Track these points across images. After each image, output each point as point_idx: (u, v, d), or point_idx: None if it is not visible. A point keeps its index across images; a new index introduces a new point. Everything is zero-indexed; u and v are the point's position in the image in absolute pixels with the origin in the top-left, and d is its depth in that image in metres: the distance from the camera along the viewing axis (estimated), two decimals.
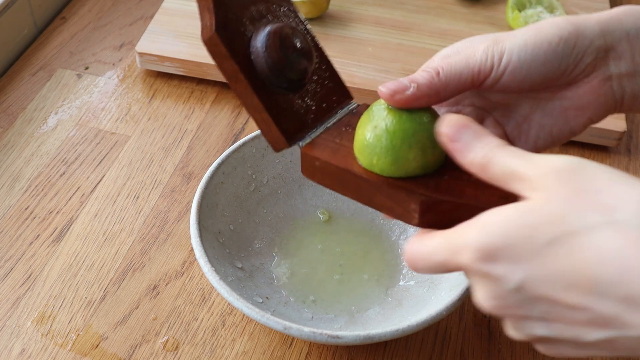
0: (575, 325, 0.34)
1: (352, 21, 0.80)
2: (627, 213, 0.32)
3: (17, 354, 0.53)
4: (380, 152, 0.41)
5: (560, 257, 0.33)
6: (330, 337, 0.47)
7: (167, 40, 0.75)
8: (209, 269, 0.50)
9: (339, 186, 0.44)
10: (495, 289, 0.35)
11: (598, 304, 0.32)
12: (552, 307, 0.34)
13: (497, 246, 0.34)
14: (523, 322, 0.35)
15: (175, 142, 0.70)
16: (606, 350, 0.34)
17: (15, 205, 0.63)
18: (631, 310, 0.32)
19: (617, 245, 0.32)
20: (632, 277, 0.31)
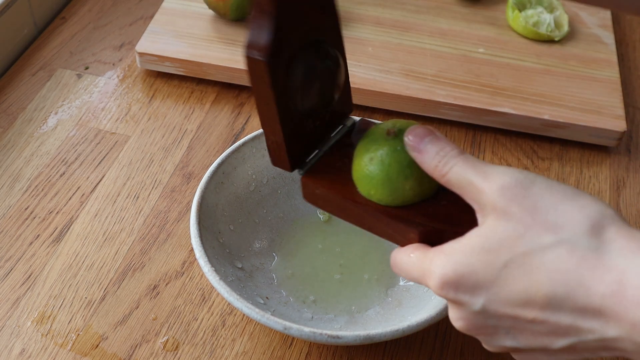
0: (538, 336, 0.37)
1: (352, 21, 0.80)
2: (571, 232, 0.36)
3: (17, 354, 0.53)
4: (377, 184, 0.43)
5: (516, 278, 0.36)
6: (331, 337, 0.47)
7: (167, 40, 0.75)
8: (209, 269, 0.50)
9: (340, 212, 0.46)
10: (462, 311, 0.39)
11: (554, 317, 0.36)
12: (515, 322, 0.37)
13: (460, 275, 0.37)
14: (492, 337, 0.39)
15: (175, 142, 0.70)
16: (573, 354, 0.37)
17: (15, 205, 0.63)
18: (583, 318, 0.35)
19: (566, 264, 0.35)
20: (580, 292, 0.35)
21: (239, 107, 0.73)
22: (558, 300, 0.35)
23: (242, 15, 0.78)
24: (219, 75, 0.74)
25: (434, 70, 0.74)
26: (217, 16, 0.79)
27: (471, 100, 0.71)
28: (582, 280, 0.35)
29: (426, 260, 0.40)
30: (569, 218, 0.36)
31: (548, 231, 0.36)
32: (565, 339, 0.36)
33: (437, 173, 0.40)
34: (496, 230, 0.37)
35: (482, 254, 0.37)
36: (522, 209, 0.37)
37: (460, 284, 0.37)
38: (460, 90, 0.72)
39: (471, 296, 0.37)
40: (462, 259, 0.37)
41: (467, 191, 0.39)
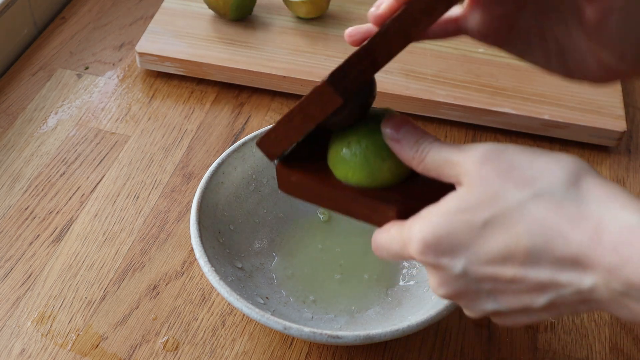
0: (518, 295, 0.37)
1: (352, 21, 0.80)
2: (548, 183, 0.36)
3: (17, 354, 0.53)
4: (355, 167, 0.43)
5: (496, 235, 0.36)
6: (331, 337, 0.47)
7: (167, 40, 0.75)
8: (209, 269, 0.50)
9: (316, 199, 0.46)
10: (443, 276, 0.38)
11: (533, 272, 0.36)
12: (495, 284, 0.37)
13: (439, 237, 0.37)
14: (473, 301, 0.39)
15: (175, 142, 0.70)
16: (553, 311, 0.37)
17: (15, 205, 0.63)
18: (562, 271, 0.35)
19: (544, 215, 0.35)
20: (558, 243, 0.35)
21: (239, 107, 0.73)
22: (537, 251, 0.35)
23: (242, 15, 0.78)
24: (219, 75, 0.74)
25: (434, 70, 0.74)
26: (217, 16, 0.79)
27: (471, 100, 0.71)
28: (560, 229, 0.35)
29: (404, 229, 0.40)
30: (545, 170, 0.36)
31: (525, 185, 0.36)
32: (544, 295, 0.36)
33: (414, 161, 0.41)
34: (472, 191, 0.37)
35: (460, 214, 0.37)
36: (497, 168, 0.37)
37: (440, 245, 0.37)
38: (460, 90, 0.72)
39: (451, 258, 0.37)
40: (440, 221, 0.37)
41: (444, 169, 0.39)
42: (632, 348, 0.56)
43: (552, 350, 0.55)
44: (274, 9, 0.81)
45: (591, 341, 0.56)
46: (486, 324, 0.57)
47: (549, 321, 0.57)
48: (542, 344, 0.56)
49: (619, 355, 0.55)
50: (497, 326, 0.56)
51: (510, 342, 0.56)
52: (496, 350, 0.55)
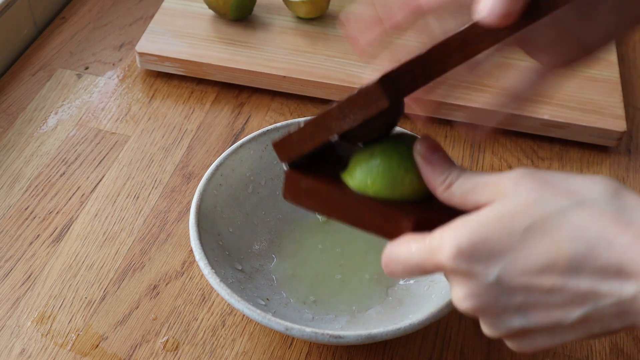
0: (551, 310, 0.36)
1: None
2: (592, 194, 0.35)
3: (17, 354, 0.53)
4: (376, 175, 0.42)
5: (536, 242, 0.35)
6: (332, 337, 0.47)
7: (167, 40, 0.75)
8: (209, 272, 0.50)
9: (325, 207, 0.44)
10: (473, 285, 0.36)
11: (572, 282, 0.34)
12: (529, 295, 0.35)
13: (476, 241, 0.35)
14: (500, 317, 0.37)
15: (175, 142, 0.70)
16: (582, 331, 0.36)
17: (15, 205, 0.63)
18: (604, 280, 0.34)
19: (588, 222, 0.34)
20: (602, 248, 0.34)
21: (239, 107, 0.73)
22: (580, 259, 0.34)
23: (242, 15, 0.78)
24: (219, 75, 0.74)
25: None
26: (217, 16, 0.79)
27: (471, 100, 0.71)
28: (605, 235, 0.34)
29: (433, 237, 0.37)
30: (583, 185, 0.36)
31: (565, 195, 0.35)
32: (580, 308, 0.35)
33: (441, 186, 0.40)
34: (511, 200, 0.36)
35: (499, 222, 0.35)
36: (535, 181, 0.36)
37: (475, 252, 0.35)
38: (460, 90, 0.72)
39: (486, 266, 0.35)
40: (477, 226, 0.36)
41: (474, 194, 0.38)
42: (632, 348, 0.56)
43: (552, 350, 0.55)
44: (274, 9, 0.81)
45: (591, 341, 0.56)
46: None
47: None
48: None
49: (619, 355, 0.55)
50: None
51: None
52: (496, 350, 0.55)
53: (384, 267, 0.41)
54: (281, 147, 0.44)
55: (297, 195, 0.45)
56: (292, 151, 0.43)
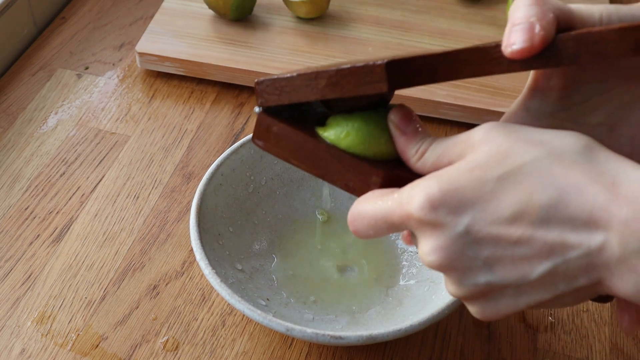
0: (518, 263, 0.35)
1: (352, 21, 0.80)
2: (564, 146, 0.35)
3: (17, 354, 0.53)
4: (352, 128, 0.41)
5: (509, 190, 0.34)
6: (333, 338, 0.47)
7: (167, 40, 0.75)
8: (209, 272, 0.50)
9: (294, 155, 0.43)
10: (441, 236, 0.36)
11: (541, 232, 0.34)
12: (497, 248, 0.35)
13: (446, 191, 0.35)
14: (466, 272, 0.36)
15: (175, 142, 0.70)
16: (548, 289, 0.35)
17: (15, 205, 0.63)
18: (573, 230, 0.34)
19: (560, 171, 0.34)
20: (573, 197, 0.34)
21: (239, 107, 0.73)
22: (551, 208, 0.34)
23: (242, 15, 0.78)
24: (219, 75, 0.74)
25: None
26: (217, 16, 0.79)
27: (471, 100, 0.71)
28: (576, 183, 0.34)
29: (402, 192, 0.37)
30: (554, 137, 0.36)
31: (537, 145, 0.35)
32: (547, 261, 0.34)
33: (414, 157, 0.40)
34: (482, 151, 0.36)
35: (470, 172, 0.35)
36: (505, 133, 0.36)
37: (444, 201, 0.35)
38: (460, 90, 0.72)
39: (455, 215, 0.35)
40: (449, 178, 0.35)
41: (446, 155, 0.38)
42: (632, 348, 0.56)
43: (552, 350, 0.55)
44: (274, 9, 0.81)
45: (591, 341, 0.56)
46: (486, 324, 0.57)
47: (549, 321, 0.57)
48: (542, 344, 0.56)
49: (619, 355, 0.55)
50: (497, 327, 0.56)
51: (510, 342, 0.56)
52: (496, 350, 0.55)
53: (349, 225, 0.40)
54: (263, 88, 0.42)
55: (267, 140, 0.43)
56: (272, 96, 0.42)
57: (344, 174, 0.41)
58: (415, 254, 0.58)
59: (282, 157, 0.43)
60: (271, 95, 0.42)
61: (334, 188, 0.62)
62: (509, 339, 0.56)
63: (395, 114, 0.41)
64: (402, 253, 0.59)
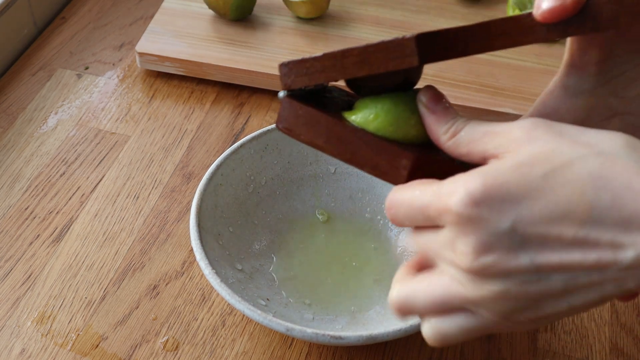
0: (569, 265, 0.33)
1: (352, 21, 0.80)
2: (609, 146, 0.33)
3: (17, 354, 0.53)
4: (381, 109, 0.40)
5: (557, 188, 0.32)
6: (333, 338, 0.47)
7: (167, 40, 0.75)
8: (209, 272, 0.50)
9: (319, 138, 0.41)
10: (483, 234, 0.33)
11: (594, 233, 0.32)
12: (545, 248, 0.33)
13: (490, 187, 0.33)
14: (509, 276, 0.33)
15: (175, 142, 0.70)
16: (595, 292, 0.33)
17: (15, 205, 0.63)
18: (627, 232, 0.32)
19: (611, 171, 0.32)
20: (628, 199, 0.32)
21: (239, 107, 0.73)
22: (603, 209, 0.32)
23: (242, 15, 0.78)
24: (219, 75, 0.74)
25: (434, 70, 0.74)
26: (217, 16, 0.79)
27: (471, 100, 0.71)
28: (630, 184, 0.32)
29: (443, 183, 0.35)
30: (599, 137, 0.34)
31: (583, 146, 0.33)
32: (595, 270, 0.32)
33: (445, 135, 0.38)
34: (525, 150, 0.34)
35: (516, 169, 0.33)
36: (548, 132, 0.34)
37: (488, 198, 0.32)
38: (460, 90, 0.72)
39: (499, 211, 0.32)
40: (494, 174, 0.33)
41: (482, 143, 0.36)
42: (632, 348, 0.56)
43: (552, 350, 0.55)
44: (274, 9, 0.81)
45: (591, 341, 0.56)
46: None
47: None
48: (542, 344, 0.56)
49: (619, 355, 0.55)
50: None
51: (510, 342, 0.56)
52: (496, 350, 0.55)
53: (386, 212, 0.38)
54: (288, 70, 0.41)
55: (292, 123, 0.42)
56: (298, 78, 0.41)
57: (373, 158, 0.40)
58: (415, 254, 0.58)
59: (308, 141, 0.42)
60: (297, 77, 0.41)
61: (333, 188, 0.62)
62: (509, 338, 0.56)
63: (424, 93, 0.40)
64: (402, 253, 0.59)
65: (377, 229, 0.60)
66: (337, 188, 0.62)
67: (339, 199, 0.62)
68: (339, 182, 0.62)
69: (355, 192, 0.62)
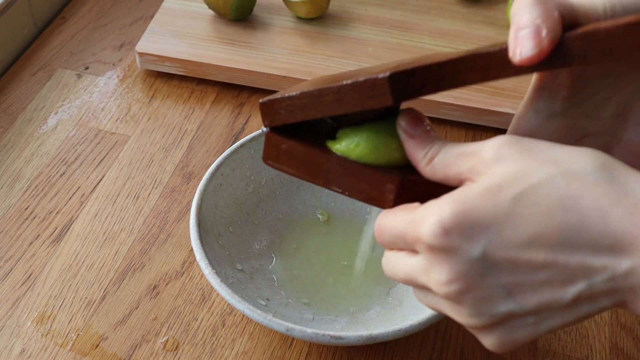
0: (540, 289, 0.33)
1: (352, 21, 0.80)
2: (577, 165, 0.33)
3: (17, 354, 0.53)
4: (362, 138, 0.41)
5: (526, 212, 0.32)
6: (333, 338, 0.47)
7: (167, 40, 0.75)
8: (209, 272, 0.50)
9: (305, 171, 0.42)
10: (455, 263, 0.33)
11: (563, 256, 0.32)
12: (517, 273, 0.33)
13: (458, 214, 0.33)
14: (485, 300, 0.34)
15: (175, 142, 0.70)
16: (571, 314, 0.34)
17: (15, 205, 0.63)
18: (597, 254, 0.32)
19: (579, 192, 0.32)
20: (596, 220, 0.32)
21: (239, 107, 0.73)
22: (571, 231, 0.32)
23: (242, 15, 0.78)
24: (219, 75, 0.74)
25: None
26: (217, 16, 0.79)
27: (471, 100, 0.71)
28: (598, 205, 0.32)
29: (417, 211, 0.35)
30: (568, 155, 0.34)
31: (552, 164, 0.33)
32: (572, 286, 0.33)
33: (423, 161, 0.38)
34: (495, 172, 0.34)
35: (484, 194, 0.33)
36: (516, 150, 0.34)
37: (458, 225, 0.33)
38: (460, 90, 0.72)
39: (469, 240, 0.33)
40: (463, 200, 0.33)
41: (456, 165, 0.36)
42: (632, 348, 0.56)
43: (552, 350, 0.55)
44: (274, 9, 0.81)
45: (591, 341, 0.56)
46: None
47: None
48: (542, 344, 0.56)
49: (619, 355, 0.55)
50: None
51: None
52: None
53: (375, 234, 0.39)
54: (268, 109, 0.42)
55: (277, 158, 0.43)
56: (277, 116, 0.42)
57: (359, 185, 0.40)
58: None
59: (296, 174, 0.43)
60: (277, 115, 0.42)
61: None
62: None
63: (403, 117, 0.40)
64: None
65: None
66: None
67: (339, 199, 0.62)
68: None
69: None
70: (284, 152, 0.42)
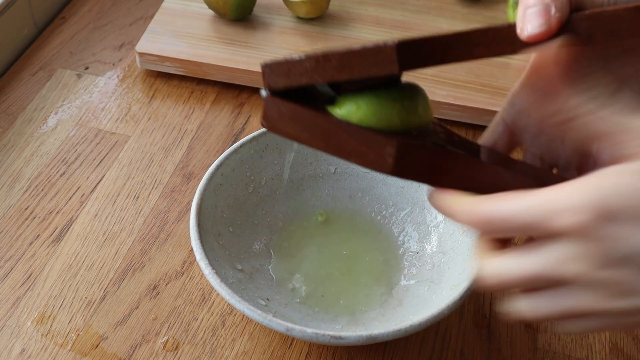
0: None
1: (352, 21, 0.80)
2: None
3: (17, 354, 0.53)
4: (363, 101, 0.40)
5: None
6: (333, 338, 0.47)
7: (167, 40, 0.75)
8: (209, 272, 0.50)
9: (305, 134, 0.41)
10: (605, 254, 0.30)
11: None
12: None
13: (608, 195, 0.30)
14: (616, 297, 0.31)
15: (175, 142, 0.70)
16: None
17: (15, 205, 0.63)
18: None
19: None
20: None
21: (239, 107, 0.73)
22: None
23: (242, 15, 0.78)
24: (219, 75, 0.74)
25: (434, 70, 0.74)
26: (217, 16, 0.79)
27: (471, 100, 0.71)
28: None
29: (554, 195, 0.31)
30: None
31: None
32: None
33: None
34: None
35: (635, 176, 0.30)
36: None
37: (618, 215, 0.29)
38: (460, 90, 0.72)
39: (630, 224, 0.29)
40: (619, 188, 0.30)
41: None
42: (632, 348, 0.56)
43: (552, 350, 0.55)
44: (274, 9, 0.81)
45: (591, 341, 0.56)
46: (486, 324, 0.57)
47: (549, 321, 0.57)
48: (542, 344, 0.56)
49: (619, 355, 0.55)
50: (497, 326, 0.56)
51: (510, 342, 0.56)
52: (496, 350, 0.55)
53: (477, 225, 0.35)
54: (271, 71, 0.41)
55: (276, 121, 0.42)
56: (279, 79, 0.41)
57: (357, 148, 0.40)
58: (415, 254, 0.58)
59: (293, 137, 0.42)
60: (279, 78, 0.41)
61: (333, 188, 0.62)
62: (509, 339, 0.56)
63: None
64: (402, 253, 0.59)
65: (377, 229, 0.60)
66: (337, 188, 0.62)
67: (339, 199, 0.62)
68: (339, 182, 0.62)
69: (355, 192, 0.62)
70: (283, 115, 0.42)
